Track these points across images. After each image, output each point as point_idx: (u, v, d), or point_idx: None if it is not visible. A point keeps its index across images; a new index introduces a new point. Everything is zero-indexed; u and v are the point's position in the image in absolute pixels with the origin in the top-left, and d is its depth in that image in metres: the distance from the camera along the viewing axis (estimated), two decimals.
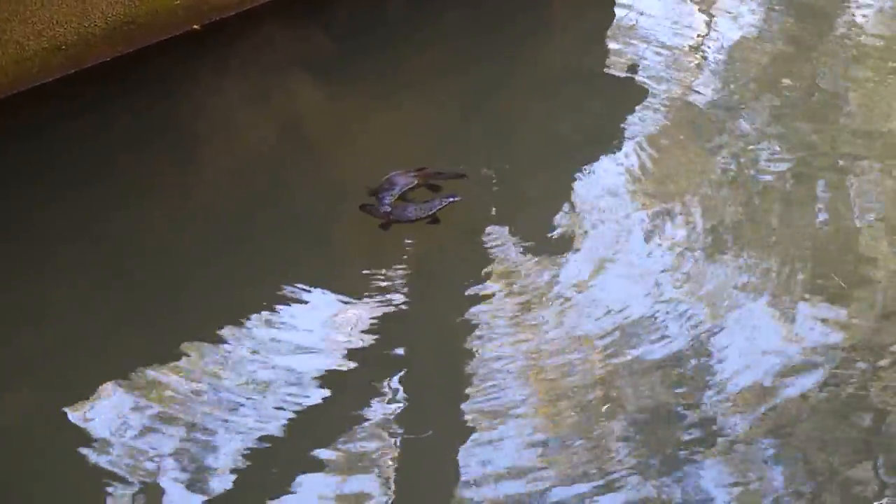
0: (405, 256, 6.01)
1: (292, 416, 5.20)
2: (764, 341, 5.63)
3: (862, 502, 4.93)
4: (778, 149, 6.92)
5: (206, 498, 4.85)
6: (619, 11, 8.20)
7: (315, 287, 5.85)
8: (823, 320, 5.76)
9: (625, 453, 5.05)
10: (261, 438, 5.09)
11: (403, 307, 5.76)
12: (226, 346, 5.51)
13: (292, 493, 4.91)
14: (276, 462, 5.03)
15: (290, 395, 5.30)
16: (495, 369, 5.43)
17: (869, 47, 8.04)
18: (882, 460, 5.11)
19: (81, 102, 6.89)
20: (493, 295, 5.83)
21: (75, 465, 4.95)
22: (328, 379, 5.38)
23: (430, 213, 6.13)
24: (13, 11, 6.65)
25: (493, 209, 6.30)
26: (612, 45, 7.95)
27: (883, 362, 5.55)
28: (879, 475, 5.05)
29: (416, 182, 6.30)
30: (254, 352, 5.49)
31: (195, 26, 7.58)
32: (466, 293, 5.84)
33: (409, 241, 6.10)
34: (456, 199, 6.19)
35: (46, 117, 6.75)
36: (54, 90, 6.95)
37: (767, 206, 6.48)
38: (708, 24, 8.29)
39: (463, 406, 5.28)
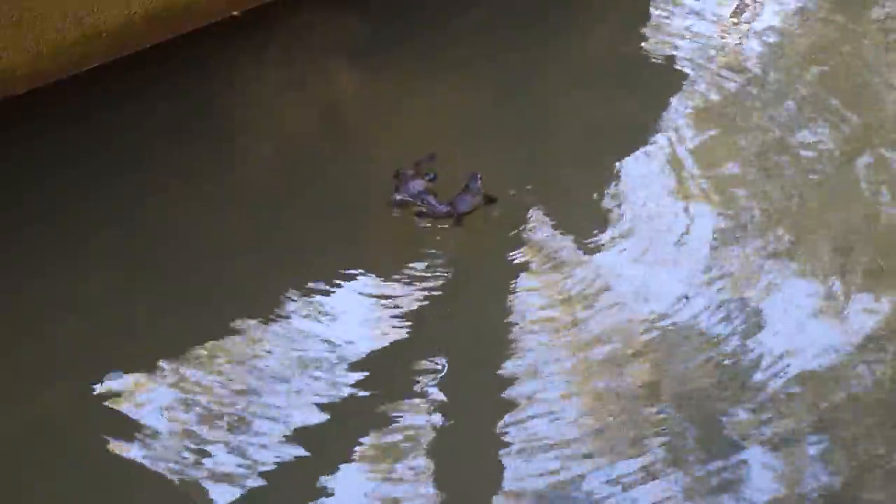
0: (441, 246, 6.02)
1: (329, 406, 5.21)
2: (807, 328, 5.60)
3: None
4: (817, 135, 6.87)
5: (243, 488, 4.87)
6: (654, 1, 8.15)
7: (351, 275, 5.87)
8: (867, 306, 5.72)
9: (665, 445, 5.04)
10: (297, 429, 5.10)
11: (440, 297, 5.76)
12: (261, 334, 5.53)
13: (330, 484, 4.93)
14: (313, 453, 5.04)
15: (326, 385, 5.31)
16: (534, 361, 5.43)
17: None
18: None
19: (121, 89, 6.93)
20: (529, 286, 5.82)
21: (110, 455, 4.97)
22: (364, 369, 5.40)
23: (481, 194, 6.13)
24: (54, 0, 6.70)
25: (529, 199, 6.28)
26: (648, 34, 7.90)
27: None
28: None
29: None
30: (290, 340, 5.51)
31: (234, 13, 7.60)
32: (501, 283, 5.84)
33: (445, 230, 6.10)
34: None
35: (86, 104, 6.80)
36: (95, 77, 6.99)
37: (808, 193, 6.45)
38: (745, 10, 8.22)
39: (501, 398, 5.28)
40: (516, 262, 5.95)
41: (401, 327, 5.60)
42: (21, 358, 5.40)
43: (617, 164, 6.65)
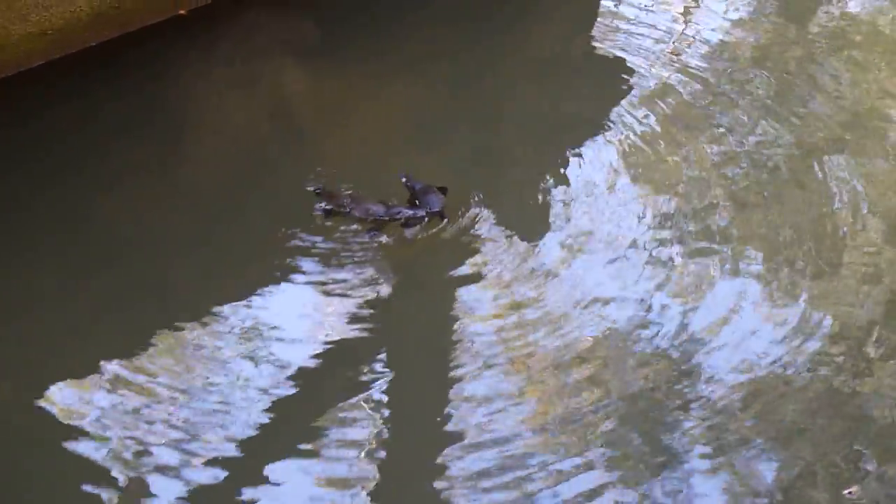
0: (388, 245, 5.99)
1: (277, 403, 5.18)
2: (754, 333, 5.63)
3: (843, 485, 4.96)
4: (766, 136, 6.95)
5: (190, 486, 4.83)
6: None
7: (300, 272, 5.84)
8: (815, 310, 5.76)
9: (610, 449, 5.04)
10: (245, 426, 5.07)
11: (388, 293, 5.76)
12: (211, 331, 5.49)
13: (277, 481, 4.89)
14: (261, 450, 5.00)
15: (271, 383, 5.28)
16: (479, 362, 5.42)
17: (857, 31, 8.06)
18: (864, 445, 5.13)
19: (67, 87, 6.84)
20: (477, 280, 5.82)
21: (57, 455, 4.91)
22: (310, 368, 5.37)
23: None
24: None
25: (479, 194, 6.27)
26: (599, 30, 7.96)
27: (868, 348, 5.59)
28: (862, 461, 5.08)
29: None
30: (239, 337, 5.47)
31: (182, 11, 7.54)
32: (451, 277, 5.84)
33: (395, 227, 6.09)
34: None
35: (32, 102, 6.70)
36: (40, 75, 6.89)
37: (755, 190, 6.51)
38: (693, 8, 8.30)
39: (446, 399, 5.27)
40: (463, 261, 5.94)
41: (347, 327, 5.58)
42: None
43: (567, 162, 6.68)
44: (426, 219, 6.08)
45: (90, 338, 5.47)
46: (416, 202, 6.11)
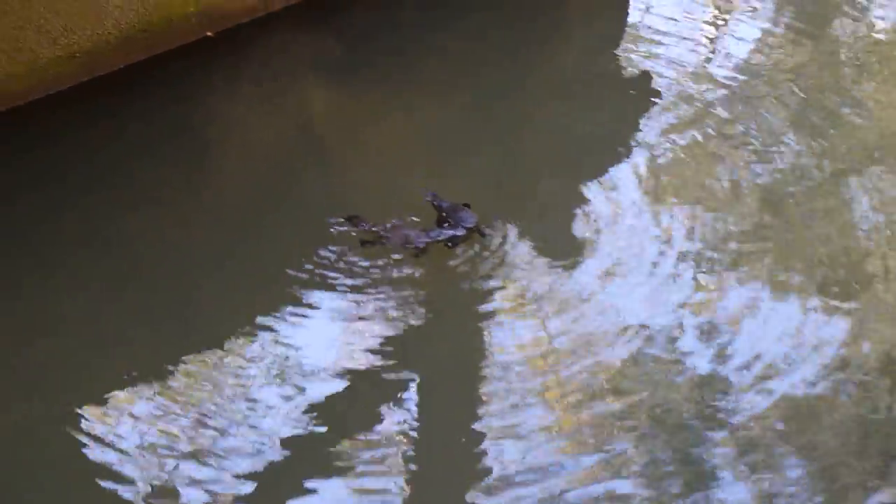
0: (415, 264, 5.97)
1: (306, 420, 5.19)
2: (783, 351, 5.58)
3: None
4: (793, 154, 6.89)
5: (218, 501, 4.84)
6: (631, 14, 8.19)
7: (327, 293, 5.82)
8: (843, 329, 5.70)
9: (640, 471, 5.01)
10: (274, 443, 5.07)
11: (414, 317, 5.73)
12: (237, 350, 5.50)
13: (305, 498, 4.89)
14: (289, 467, 5.00)
15: (299, 402, 5.28)
16: (507, 380, 5.40)
17: (883, 49, 8.00)
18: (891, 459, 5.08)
19: (95, 110, 6.89)
20: (505, 302, 5.79)
21: (88, 472, 4.93)
22: (338, 387, 5.36)
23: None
24: (27, 19, 6.68)
25: (506, 214, 6.24)
26: (625, 49, 7.93)
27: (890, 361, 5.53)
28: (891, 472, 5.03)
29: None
30: (265, 358, 5.47)
31: (208, 33, 7.60)
32: (478, 298, 5.81)
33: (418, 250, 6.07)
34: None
35: (60, 125, 6.76)
36: (68, 98, 6.96)
37: (781, 210, 6.45)
38: (721, 26, 8.26)
39: (477, 415, 5.26)
40: (492, 276, 5.92)
41: (375, 346, 5.56)
42: None
43: (593, 180, 6.64)
44: (466, 236, 6.05)
45: (116, 358, 5.48)
46: (448, 221, 6.08)
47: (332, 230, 6.11)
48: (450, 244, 6.02)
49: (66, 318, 5.68)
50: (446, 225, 6.05)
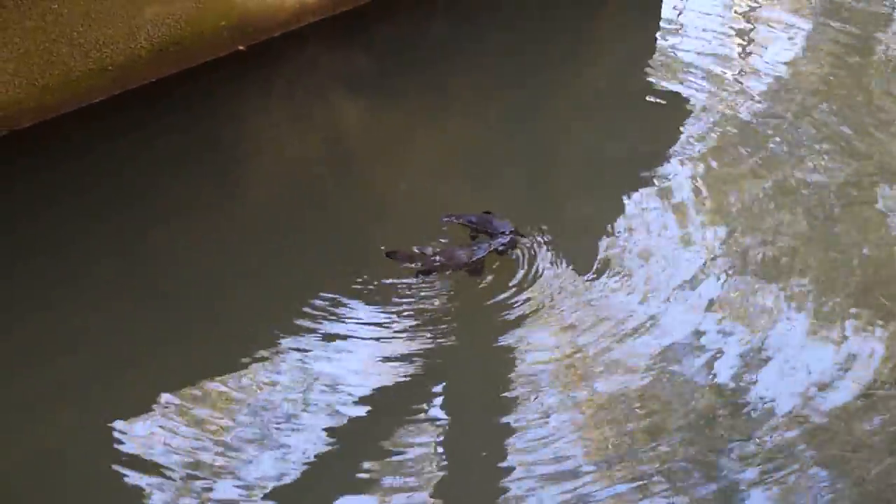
0: (445, 279, 5.97)
1: (332, 434, 5.17)
2: (813, 367, 5.54)
3: None
4: (825, 171, 6.86)
5: None
6: (662, 31, 8.18)
7: (356, 304, 5.82)
8: (874, 345, 5.66)
9: (668, 484, 4.98)
10: (301, 457, 5.06)
11: (443, 332, 5.71)
12: (265, 364, 5.50)
13: None
14: (316, 480, 4.99)
15: (329, 413, 5.27)
16: (536, 394, 5.38)
17: None
18: None
19: (126, 123, 6.94)
20: (535, 319, 5.77)
21: (115, 487, 4.93)
22: (366, 401, 5.36)
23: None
24: (60, 33, 6.74)
25: (536, 232, 6.23)
26: (655, 65, 7.92)
27: None
28: None
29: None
30: (293, 373, 5.47)
31: (240, 47, 7.63)
32: (508, 316, 5.79)
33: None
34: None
35: (91, 137, 6.80)
36: (100, 111, 7.00)
37: (816, 229, 6.42)
38: (751, 42, 8.24)
39: (503, 432, 5.23)
40: (522, 294, 5.90)
41: (404, 360, 5.55)
42: (24, 391, 5.35)
43: (622, 197, 6.63)
44: (513, 240, 6.05)
45: (143, 372, 5.48)
46: (484, 231, 6.07)
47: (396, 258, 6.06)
48: (501, 250, 6.01)
49: (93, 331, 5.69)
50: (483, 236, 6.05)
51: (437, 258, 5.96)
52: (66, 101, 6.93)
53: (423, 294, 5.86)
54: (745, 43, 8.25)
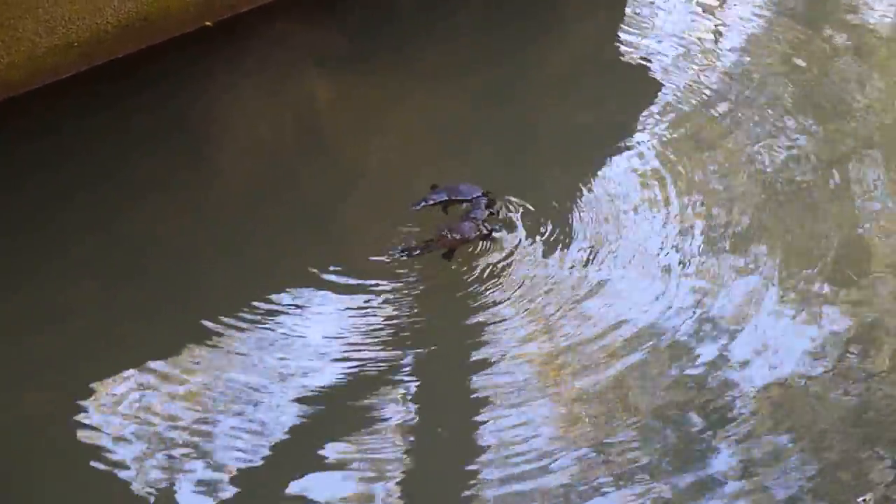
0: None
1: (304, 411, 5.19)
2: (780, 341, 5.60)
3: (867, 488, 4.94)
4: (794, 144, 6.90)
5: (218, 492, 4.84)
6: (631, 6, 8.18)
7: (328, 282, 5.82)
8: (840, 319, 5.73)
9: (638, 459, 5.02)
10: (273, 434, 5.08)
11: (416, 303, 5.72)
12: (239, 340, 5.49)
13: (303, 490, 4.89)
14: (287, 458, 5.01)
15: (302, 390, 5.28)
16: (508, 368, 5.40)
17: (882, 38, 8.02)
18: (887, 450, 5.10)
19: (94, 100, 6.86)
20: (506, 292, 5.78)
21: (89, 461, 4.93)
22: (339, 377, 5.36)
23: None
24: (26, 9, 6.65)
25: (509, 205, 6.24)
26: (625, 40, 7.93)
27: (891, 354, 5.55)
28: (885, 464, 5.05)
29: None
30: (268, 346, 5.47)
31: (207, 23, 7.56)
32: (479, 289, 5.80)
33: (422, 238, 6.03)
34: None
35: (59, 114, 6.73)
36: (67, 88, 6.93)
37: (783, 199, 6.46)
38: (721, 15, 8.27)
39: (475, 404, 5.26)
40: (494, 265, 5.91)
41: (376, 336, 5.55)
42: None
43: (595, 171, 6.64)
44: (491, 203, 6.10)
45: (118, 347, 5.47)
46: (459, 201, 6.09)
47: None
48: (493, 212, 6.06)
49: (66, 308, 5.66)
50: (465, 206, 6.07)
51: (450, 235, 5.93)
52: (32, 78, 6.84)
53: (396, 272, 5.85)
54: (713, 16, 8.27)
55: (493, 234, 6.01)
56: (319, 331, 5.57)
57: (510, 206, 6.20)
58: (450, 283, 5.86)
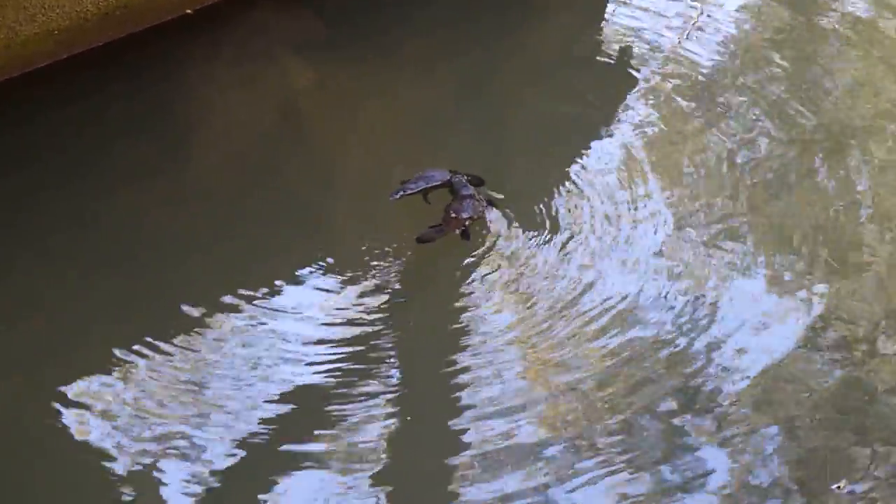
0: (398, 241, 5.99)
1: (286, 404, 5.20)
2: (761, 327, 5.65)
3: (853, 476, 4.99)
4: (772, 134, 6.92)
5: (199, 486, 4.86)
6: None
7: (308, 272, 5.85)
8: (821, 303, 5.77)
9: (621, 444, 5.07)
10: (254, 426, 5.09)
11: (397, 293, 5.75)
12: (219, 332, 5.51)
13: (286, 482, 4.92)
14: (269, 451, 5.03)
15: (283, 382, 5.29)
16: (490, 361, 5.43)
17: (858, 30, 8.03)
18: (874, 438, 5.15)
19: (73, 88, 6.85)
20: (486, 283, 5.81)
21: (69, 453, 4.96)
22: (320, 369, 5.37)
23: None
24: None
25: (487, 196, 6.25)
26: (603, 30, 7.94)
27: (878, 343, 5.60)
28: (873, 453, 5.10)
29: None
30: (247, 338, 5.49)
31: (188, 10, 7.54)
32: (459, 281, 5.83)
33: (403, 227, 6.07)
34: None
35: (38, 103, 6.71)
36: (46, 76, 6.90)
37: (766, 186, 6.50)
38: (700, 6, 8.26)
39: (458, 400, 5.28)
40: (473, 258, 5.94)
41: (358, 327, 5.57)
42: None
43: (571, 161, 6.66)
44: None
45: (98, 338, 5.48)
46: (435, 187, 6.13)
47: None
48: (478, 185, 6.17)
49: (46, 298, 5.66)
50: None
51: (460, 215, 5.97)
52: (11, 66, 6.81)
53: (375, 260, 5.87)
54: (693, 7, 8.27)
55: (492, 202, 6.12)
56: (299, 322, 5.59)
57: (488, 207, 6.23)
58: (426, 274, 5.91)
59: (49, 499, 4.85)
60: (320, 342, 5.49)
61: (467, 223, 5.96)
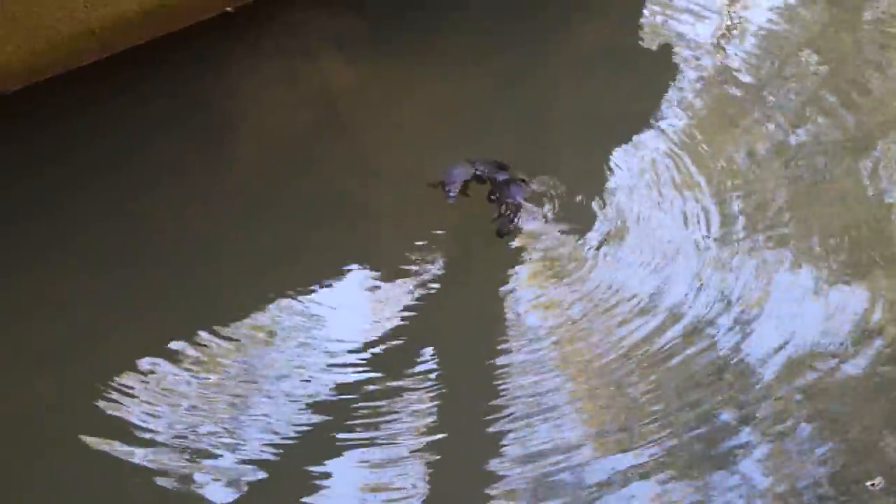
0: (439, 237, 5.97)
1: (320, 406, 5.18)
2: (800, 319, 5.58)
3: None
4: (816, 130, 6.83)
5: (231, 486, 4.86)
6: None
7: (347, 270, 5.85)
8: (863, 300, 5.67)
9: (662, 442, 5.01)
10: (289, 424, 5.09)
11: (436, 289, 5.74)
12: (256, 329, 5.51)
13: (322, 484, 4.90)
14: (305, 449, 5.02)
15: (317, 385, 5.27)
16: (529, 359, 5.39)
17: None
18: None
19: (113, 86, 6.88)
20: (528, 279, 5.78)
21: (91, 454, 4.94)
22: (356, 370, 5.35)
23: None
24: None
25: (530, 191, 6.22)
26: (647, 24, 7.89)
27: None
28: None
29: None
30: (284, 337, 5.48)
31: (228, 8, 7.57)
32: (500, 277, 5.80)
33: (442, 222, 6.05)
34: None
35: (79, 101, 6.75)
36: (87, 74, 6.95)
37: (808, 182, 6.41)
38: (739, 3, 8.20)
39: (496, 396, 5.25)
40: (515, 254, 5.90)
41: (395, 328, 5.56)
42: (5, 356, 5.37)
43: (614, 158, 6.61)
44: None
45: (131, 336, 5.49)
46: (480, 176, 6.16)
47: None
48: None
49: (82, 295, 5.68)
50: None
51: (514, 200, 6.02)
52: (53, 65, 6.87)
53: (416, 254, 5.86)
54: (733, 5, 8.21)
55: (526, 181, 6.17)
56: (336, 323, 5.59)
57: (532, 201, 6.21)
58: (466, 272, 5.90)
59: (86, 498, 4.85)
60: (360, 337, 5.49)
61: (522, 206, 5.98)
